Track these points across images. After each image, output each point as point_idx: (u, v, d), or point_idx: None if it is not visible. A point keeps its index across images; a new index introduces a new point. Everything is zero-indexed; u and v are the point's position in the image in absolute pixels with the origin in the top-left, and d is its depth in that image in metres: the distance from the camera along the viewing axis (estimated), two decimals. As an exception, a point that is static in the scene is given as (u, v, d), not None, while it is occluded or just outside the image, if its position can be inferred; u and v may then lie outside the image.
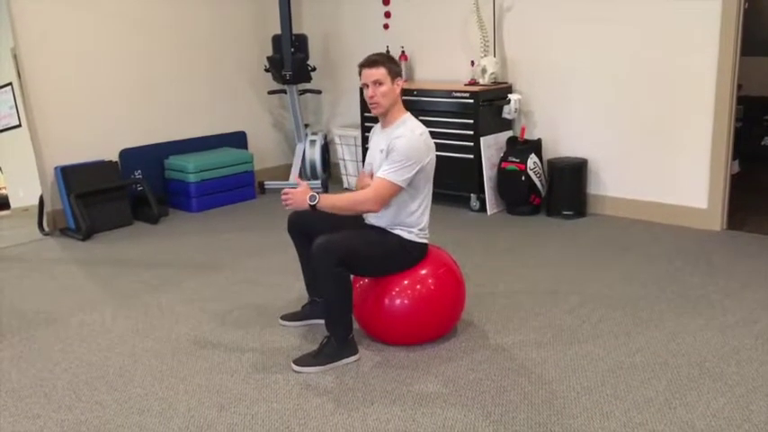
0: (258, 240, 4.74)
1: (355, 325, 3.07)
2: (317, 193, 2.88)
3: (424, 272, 3.05)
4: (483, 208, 5.22)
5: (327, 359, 2.92)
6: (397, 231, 3.02)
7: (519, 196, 5.10)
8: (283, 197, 2.93)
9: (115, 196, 5.14)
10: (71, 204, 4.90)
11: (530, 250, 4.39)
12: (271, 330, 3.31)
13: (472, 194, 5.25)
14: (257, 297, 3.74)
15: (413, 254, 3.03)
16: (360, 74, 3.00)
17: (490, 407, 2.60)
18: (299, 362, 2.93)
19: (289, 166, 6.32)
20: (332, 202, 2.92)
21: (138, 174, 5.44)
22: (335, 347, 2.94)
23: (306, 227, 3.14)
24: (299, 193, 2.89)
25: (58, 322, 3.49)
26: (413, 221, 3.01)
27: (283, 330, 3.31)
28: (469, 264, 4.02)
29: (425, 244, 3.09)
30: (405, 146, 2.88)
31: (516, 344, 3.11)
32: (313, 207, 2.87)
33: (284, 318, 3.38)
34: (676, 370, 2.83)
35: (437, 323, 3.10)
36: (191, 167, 5.43)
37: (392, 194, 2.91)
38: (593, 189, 5.09)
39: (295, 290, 3.74)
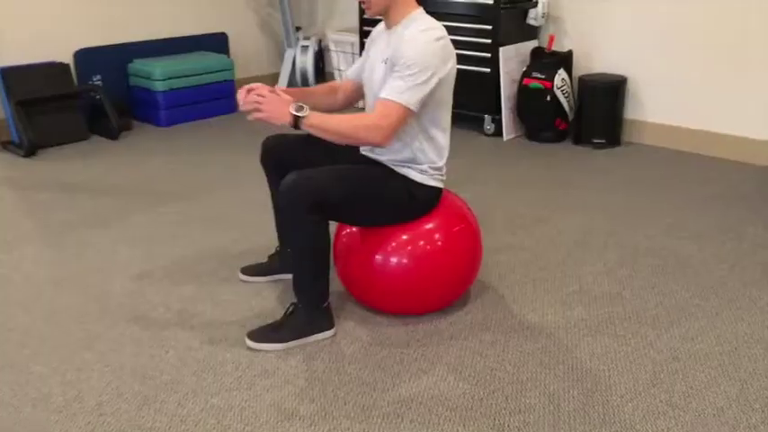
0: (234, 165, 4.05)
1: (338, 286, 2.42)
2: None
3: (432, 225, 2.36)
4: (498, 132, 4.64)
5: (293, 334, 2.27)
6: (403, 171, 2.32)
7: (542, 119, 4.55)
8: (247, 100, 2.20)
9: (67, 105, 4.51)
10: (12, 113, 4.24)
11: (554, 187, 3.71)
12: (228, 286, 2.65)
13: (486, 116, 4.66)
14: (220, 239, 3.07)
15: (421, 201, 2.33)
16: None
17: (504, 416, 1.93)
18: (255, 336, 2.27)
19: (276, 75, 5.70)
20: (325, 120, 2.17)
21: (96, 80, 4.82)
22: (304, 319, 2.29)
23: (286, 158, 2.45)
24: (278, 102, 2.18)
25: (-34, 265, 2.83)
26: (426, 157, 2.31)
27: (243, 287, 2.64)
28: (480, 204, 3.31)
29: (440, 188, 2.38)
30: (416, 51, 2.15)
31: (537, 318, 2.44)
32: (297, 121, 2.12)
33: (245, 271, 2.71)
34: (752, 363, 2.16)
35: (444, 291, 2.43)
36: (158, 74, 4.81)
37: (404, 122, 2.18)
38: (630, 113, 4.52)
39: (267, 233, 3.03)
